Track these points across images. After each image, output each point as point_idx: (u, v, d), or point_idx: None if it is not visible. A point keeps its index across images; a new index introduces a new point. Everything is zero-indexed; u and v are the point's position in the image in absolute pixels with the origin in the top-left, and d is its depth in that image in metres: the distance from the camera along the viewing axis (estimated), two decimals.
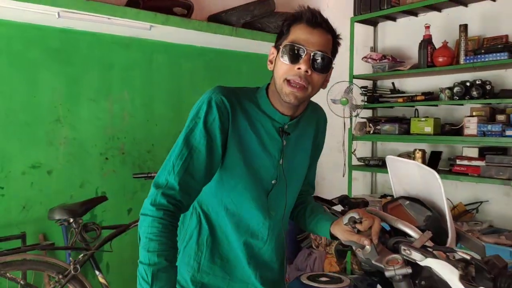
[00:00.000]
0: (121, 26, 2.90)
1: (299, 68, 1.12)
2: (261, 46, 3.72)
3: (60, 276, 2.16)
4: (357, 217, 1.15)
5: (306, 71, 1.12)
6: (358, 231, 1.15)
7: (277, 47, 1.20)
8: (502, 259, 0.96)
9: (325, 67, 1.15)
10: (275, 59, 1.20)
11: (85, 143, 3.09)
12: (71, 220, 2.22)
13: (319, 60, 1.13)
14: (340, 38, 1.23)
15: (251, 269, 1.28)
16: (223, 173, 1.20)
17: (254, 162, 1.21)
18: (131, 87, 3.31)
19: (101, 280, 2.28)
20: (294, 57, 1.12)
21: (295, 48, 1.12)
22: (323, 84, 1.21)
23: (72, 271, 2.16)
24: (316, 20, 1.13)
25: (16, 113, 2.79)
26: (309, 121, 1.32)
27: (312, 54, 1.12)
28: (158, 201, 1.06)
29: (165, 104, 3.51)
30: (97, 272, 2.32)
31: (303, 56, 1.12)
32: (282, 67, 1.14)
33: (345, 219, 1.18)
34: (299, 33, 1.13)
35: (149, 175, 2.58)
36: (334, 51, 1.20)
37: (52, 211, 2.28)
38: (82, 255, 2.21)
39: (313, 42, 1.12)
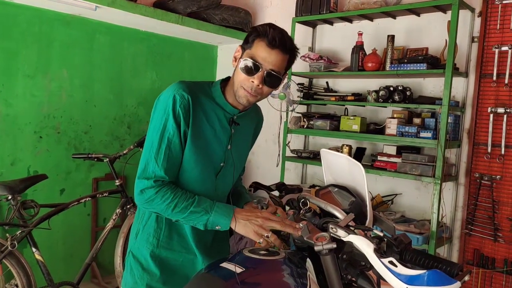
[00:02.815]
0: (66, 4, 2.84)
1: (252, 81, 1.30)
2: (205, 35, 3.79)
3: None
4: (264, 202, 1.42)
5: (258, 85, 1.30)
6: None
7: (242, 48, 1.34)
8: (407, 237, 1.19)
9: (275, 84, 1.34)
10: (237, 62, 1.34)
11: (18, 120, 2.99)
12: (10, 196, 2.19)
13: (271, 77, 1.30)
14: (298, 53, 1.39)
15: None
16: (183, 158, 1.34)
17: (208, 148, 1.37)
18: (71, 66, 3.24)
19: (38, 257, 2.26)
20: (250, 71, 1.29)
21: (253, 63, 1.28)
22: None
23: (9, 247, 2.13)
24: (275, 43, 1.27)
25: None
26: (251, 117, 1.52)
27: (266, 71, 1.29)
28: (152, 182, 1.28)
29: (105, 86, 3.46)
30: (33, 249, 2.31)
31: (258, 72, 1.28)
32: (240, 76, 1.31)
33: (256, 200, 1.46)
34: (259, 50, 1.28)
35: (89, 156, 2.58)
36: (289, 66, 1.37)
37: None
38: (19, 231, 2.18)
39: (269, 61, 1.28)
